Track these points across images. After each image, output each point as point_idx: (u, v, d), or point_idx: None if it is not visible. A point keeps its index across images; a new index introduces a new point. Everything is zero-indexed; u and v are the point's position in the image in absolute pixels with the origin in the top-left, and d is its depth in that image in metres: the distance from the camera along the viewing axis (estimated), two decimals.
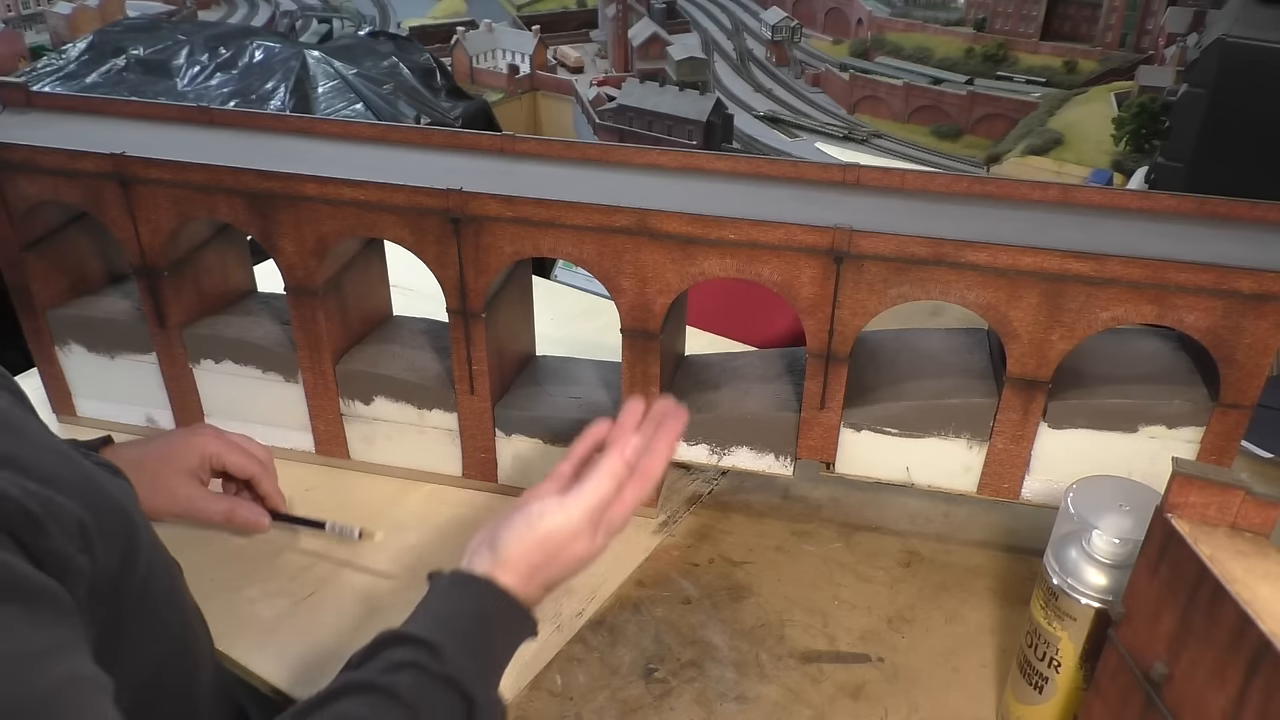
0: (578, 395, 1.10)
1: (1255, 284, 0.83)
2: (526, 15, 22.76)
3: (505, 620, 0.71)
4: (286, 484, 1.14)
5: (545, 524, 0.73)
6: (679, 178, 1.02)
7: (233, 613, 0.97)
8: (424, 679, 0.63)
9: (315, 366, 1.10)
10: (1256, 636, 0.55)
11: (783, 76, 22.04)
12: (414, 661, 0.64)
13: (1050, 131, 16.46)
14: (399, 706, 0.61)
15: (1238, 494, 0.62)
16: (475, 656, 0.67)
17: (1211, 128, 2.28)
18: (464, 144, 1.08)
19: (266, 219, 1.01)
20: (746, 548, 1.07)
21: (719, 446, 1.04)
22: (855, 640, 0.96)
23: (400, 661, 0.64)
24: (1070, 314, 0.88)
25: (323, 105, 3.56)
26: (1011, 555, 1.06)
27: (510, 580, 0.71)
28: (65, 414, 1.23)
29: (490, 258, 0.97)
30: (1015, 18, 20.90)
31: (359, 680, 0.63)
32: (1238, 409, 0.90)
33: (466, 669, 0.65)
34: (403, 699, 0.62)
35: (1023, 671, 0.82)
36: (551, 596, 0.99)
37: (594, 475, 0.75)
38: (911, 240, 0.87)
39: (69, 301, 1.18)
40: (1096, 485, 0.82)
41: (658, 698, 0.90)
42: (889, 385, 1.01)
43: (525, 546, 0.72)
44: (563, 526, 0.73)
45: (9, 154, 1.04)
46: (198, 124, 1.14)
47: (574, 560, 0.74)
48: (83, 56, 3.77)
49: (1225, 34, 2.21)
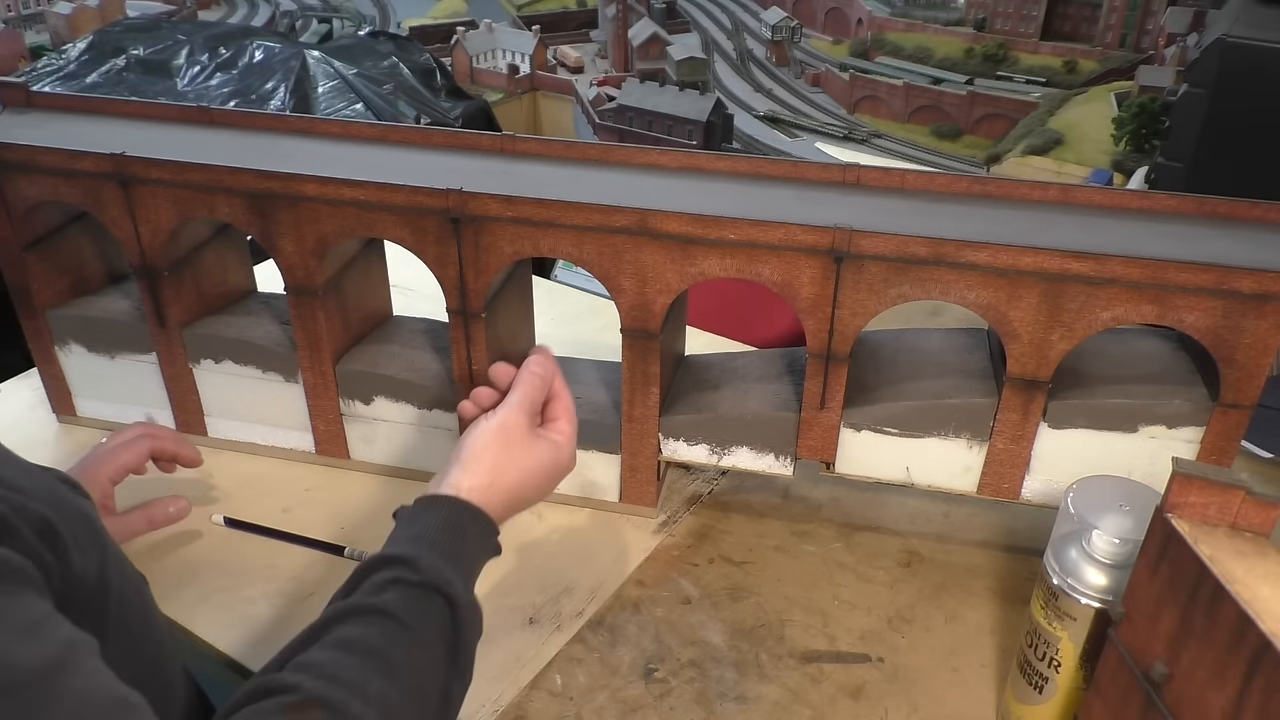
0: (578, 395, 1.09)
1: (1255, 284, 0.83)
2: (526, 15, 22.77)
3: (470, 526, 0.75)
4: (286, 484, 1.15)
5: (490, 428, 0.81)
6: (679, 178, 1.02)
7: (233, 613, 0.97)
8: (409, 591, 0.67)
9: (315, 366, 1.10)
10: (1256, 636, 0.55)
11: (783, 76, 22.06)
12: (395, 578, 0.68)
13: (1050, 131, 16.47)
14: (390, 620, 0.65)
15: (1238, 494, 0.62)
16: (449, 561, 0.71)
17: (1211, 128, 2.28)
18: (464, 144, 1.08)
19: (266, 219, 1.01)
20: (746, 548, 1.07)
21: (719, 446, 1.04)
22: (855, 640, 0.96)
23: (383, 581, 0.68)
24: (1070, 314, 0.88)
25: (323, 105, 3.57)
26: (1011, 555, 1.06)
27: (470, 485, 0.77)
28: (65, 414, 1.23)
29: (490, 258, 0.97)
30: (1015, 18, 20.92)
31: (349, 605, 0.67)
32: (1238, 409, 0.90)
33: (444, 574, 0.69)
34: (393, 614, 0.65)
35: (1023, 671, 0.82)
36: (551, 596, 0.99)
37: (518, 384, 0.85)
38: (912, 240, 0.87)
39: (69, 301, 1.18)
40: (1096, 485, 0.82)
41: (658, 698, 0.90)
42: (889, 385, 1.01)
43: (480, 449, 0.79)
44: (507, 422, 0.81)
45: (9, 154, 1.04)
46: (198, 124, 1.14)
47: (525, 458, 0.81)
48: (83, 56, 3.77)
49: (1225, 34, 2.21)
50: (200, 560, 1.03)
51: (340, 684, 0.61)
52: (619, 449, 1.06)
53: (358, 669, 0.62)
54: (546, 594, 1.00)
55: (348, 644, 0.64)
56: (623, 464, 1.07)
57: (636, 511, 1.10)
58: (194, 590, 1.00)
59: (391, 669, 0.63)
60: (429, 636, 0.67)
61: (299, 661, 0.63)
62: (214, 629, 0.95)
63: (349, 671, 0.62)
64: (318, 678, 0.61)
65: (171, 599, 0.97)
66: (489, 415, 0.82)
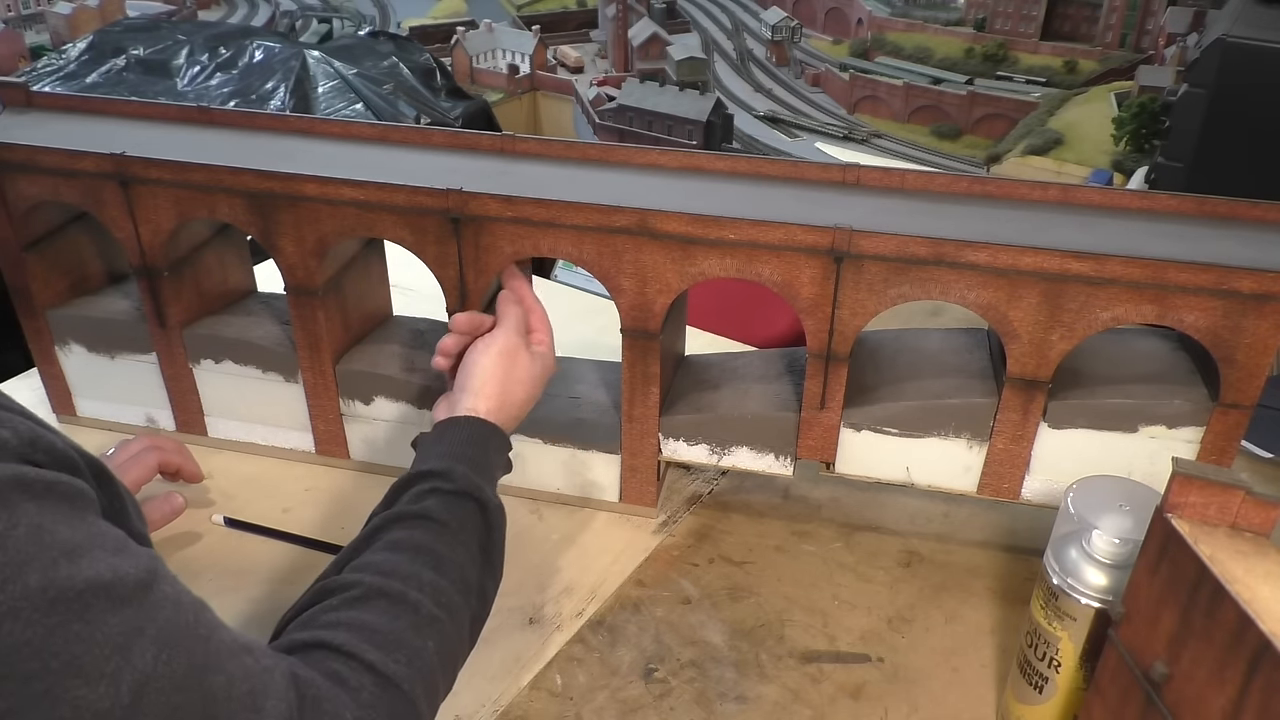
0: (578, 395, 1.10)
1: (1255, 284, 0.83)
2: (526, 15, 22.78)
3: (491, 440, 0.83)
4: (286, 484, 1.15)
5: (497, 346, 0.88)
6: (679, 178, 1.02)
7: (232, 613, 0.97)
8: (445, 498, 0.75)
9: (315, 366, 1.10)
10: (1256, 636, 0.55)
11: (783, 76, 22.06)
12: (433, 488, 0.75)
13: (1050, 131, 16.48)
14: (433, 523, 0.73)
15: (1238, 494, 0.62)
16: (477, 471, 0.79)
17: (1211, 128, 2.27)
18: (464, 144, 1.08)
19: (266, 219, 1.01)
20: (746, 548, 1.07)
21: (719, 446, 1.04)
22: (855, 640, 0.96)
23: (421, 491, 0.75)
24: (1070, 314, 0.88)
25: (323, 105, 3.56)
26: (1011, 555, 1.06)
27: (489, 406, 0.85)
28: (65, 414, 1.23)
29: (490, 258, 0.97)
30: (1015, 18, 20.92)
31: (394, 514, 0.74)
32: (1238, 409, 0.90)
33: (474, 481, 0.77)
34: (435, 517, 0.73)
35: (1023, 671, 0.82)
36: (551, 596, 0.99)
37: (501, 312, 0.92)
38: (911, 240, 0.87)
39: (69, 301, 1.18)
40: (1096, 485, 0.82)
41: (658, 698, 0.90)
42: (889, 385, 1.01)
43: (489, 372, 0.87)
44: (508, 346, 0.88)
45: (9, 154, 1.04)
46: (198, 124, 1.14)
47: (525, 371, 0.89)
48: (83, 56, 3.77)
49: (1225, 34, 2.20)
50: (200, 560, 1.03)
51: (396, 577, 0.68)
52: (619, 449, 1.06)
53: (410, 563, 0.69)
54: (546, 594, 1.00)
55: (398, 544, 0.71)
56: (623, 464, 1.07)
57: (636, 511, 1.10)
58: (194, 590, 0.99)
59: (439, 562, 0.71)
60: (466, 536, 0.74)
61: (356, 564, 0.70)
62: None
63: (403, 566, 0.69)
64: (375, 573, 0.68)
65: None
66: (488, 341, 0.88)
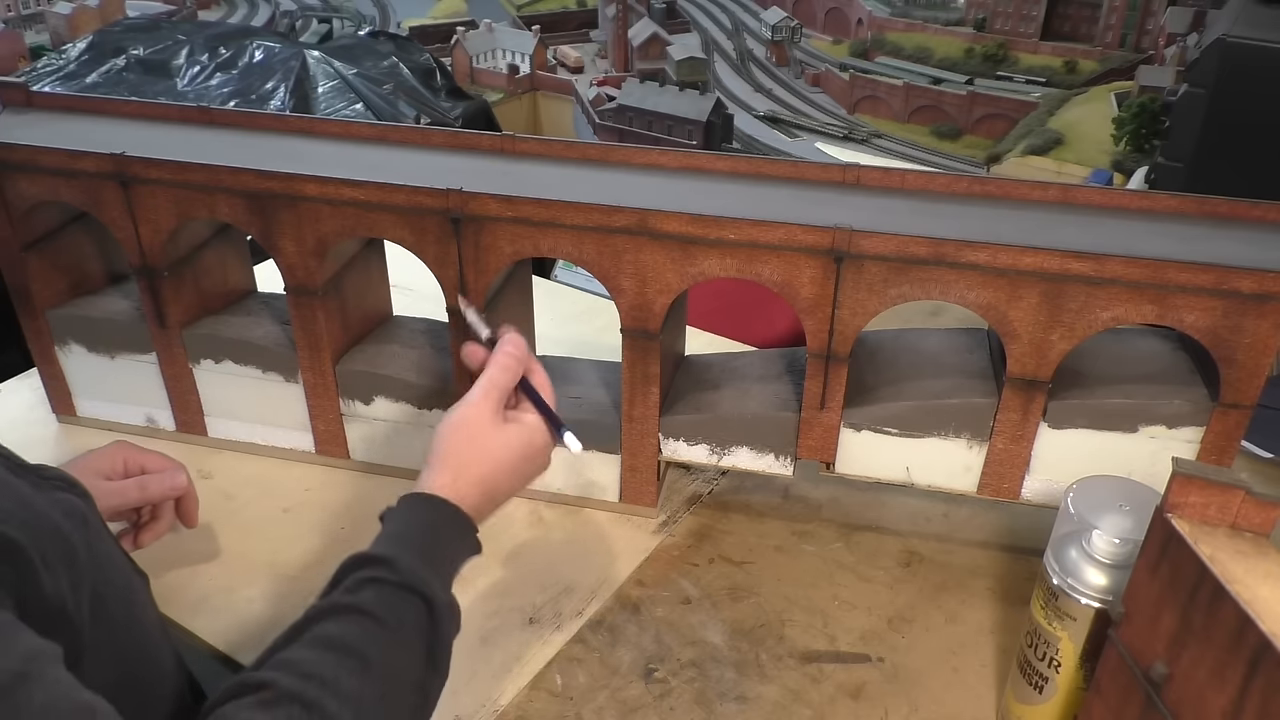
0: (578, 395, 1.10)
1: (1255, 284, 0.83)
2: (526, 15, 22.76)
3: (445, 525, 0.75)
4: (286, 484, 1.15)
5: (455, 422, 0.79)
6: (679, 178, 1.02)
7: (233, 612, 0.97)
8: (385, 590, 0.68)
9: (315, 366, 1.10)
10: (1256, 636, 0.55)
11: (783, 76, 22.05)
12: (373, 577, 0.69)
13: (1050, 131, 16.47)
14: (367, 618, 0.66)
15: (1238, 494, 0.62)
16: (427, 561, 0.72)
17: (1211, 128, 2.27)
18: (464, 144, 1.08)
19: (266, 219, 1.01)
20: (746, 548, 1.07)
21: (719, 446, 1.04)
22: (855, 640, 0.96)
23: (361, 580, 0.69)
24: (1070, 314, 0.88)
25: (323, 105, 3.56)
26: (1011, 555, 1.06)
27: (443, 482, 0.77)
28: (65, 414, 1.23)
29: (490, 258, 0.97)
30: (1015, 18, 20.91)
31: (327, 604, 0.68)
32: (1238, 409, 0.90)
33: (421, 574, 0.70)
34: (370, 612, 0.67)
35: (1023, 671, 0.82)
36: (551, 596, 0.99)
37: (484, 374, 0.81)
38: (912, 240, 0.87)
39: (69, 301, 1.18)
40: (1096, 485, 0.82)
41: (658, 698, 0.90)
42: (889, 385, 1.01)
43: (447, 445, 0.78)
44: (472, 418, 0.79)
45: (9, 154, 1.04)
46: (198, 124, 1.14)
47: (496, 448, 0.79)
48: (83, 56, 3.77)
49: (1225, 34, 2.20)
50: (200, 560, 1.03)
51: (315, 681, 0.62)
52: (619, 449, 1.06)
53: (334, 666, 0.63)
54: (546, 594, 1.00)
55: (325, 641, 0.65)
56: (623, 464, 1.07)
57: (636, 511, 1.10)
58: (194, 590, 1.00)
59: (367, 666, 0.64)
60: (406, 635, 0.68)
61: (277, 659, 0.64)
62: (213, 629, 0.95)
63: (325, 668, 0.63)
64: (294, 675, 0.62)
65: (172, 599, 0.97)
66: (457, 408, 0.81)
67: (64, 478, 0.72)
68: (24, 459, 0.70)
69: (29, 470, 0.69)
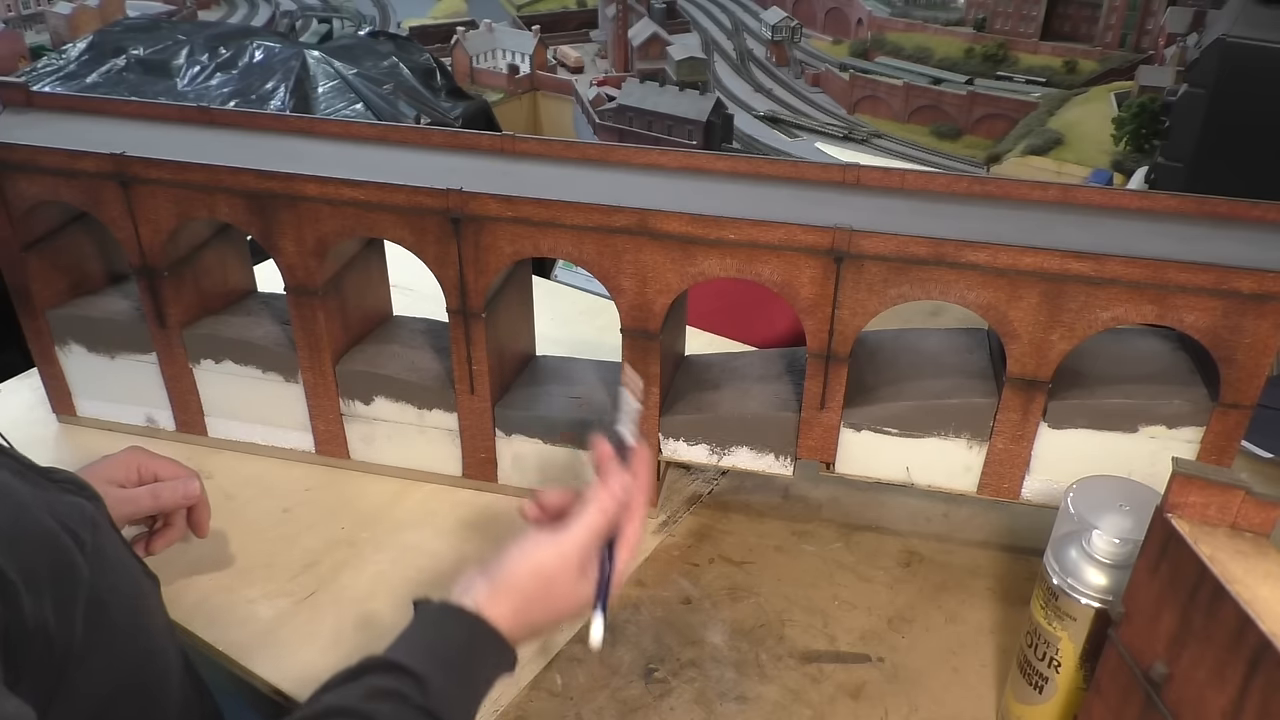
0: (578, 395, 1.10)
1: (1255, 284, 0.83)
2: (526, 15, 22.76)
3: (489, 654, 0.69)
4: (286, 484, 1.15)
5: (539, 554, 0.71)
6: (679, 178, 1.02)
7: (233, 613, 0.97)
8: (405, 710, 0.62)
9: (315, 366, 1.10)
10: (1256, 636, 0.55)
11: (783, 76, 22.05)
12: (397, 691, 0.63)
13: (1050, 131, 16.47)
14: None
15: (1238, 494, 0.62)
16: (462, 685, 0.66)
17: (1211, 128, 2.27)
18: (464, 144, 1.08)
19: (266, 219, 1.01)
20: (746, 548, 1.07)
21: (719, 446, 1.04)
22: (855, 640, 0.96)
23: (383, 689, 0.63)
24: (1070, 314, 0.88)
25: (323, 105, 3.56)
26: (1011, 555, 1.06)
27: (500, 611, 0.69)
28: (65, 414, 1.23)
29: (490, 258, 0.97)
30: (1015, 18, 20.91)
31: (339, 705, 0.62)
32: (1238, 409, 0.90)
33: (445, 703, 0.64)
34: None
35: (1023, 671, 0.82)
36: None
37: (585, 510, 0.73)
38: (912, 240, 0.87)
39: (69, 301, 1.18)
40: (1096, 485, 0.82)
41: (658, 698, 0.90)
42: (889, 385, 1.01)
43: (519, 578, 0.71)
44: (554, 559, 0.71)
45: (9, 154, 1.04)
46: (198, 124, 1.14)
47: (562, 599, 0.72)
48: (83, 56, 3.77)
49: (1225, 34, 2.20)
50: (200, 560, 1.03)
51: None
52: None
53: None
54: None
55: None
56: None
57: None
58: (194, 590, 1.00)
59: None
60: None
61: None
62: (214, 629, 0.95)
63: None
64: None
65: (172, 599, 0.97)
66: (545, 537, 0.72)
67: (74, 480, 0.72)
68: (34, 461, 0.70)
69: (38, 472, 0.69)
